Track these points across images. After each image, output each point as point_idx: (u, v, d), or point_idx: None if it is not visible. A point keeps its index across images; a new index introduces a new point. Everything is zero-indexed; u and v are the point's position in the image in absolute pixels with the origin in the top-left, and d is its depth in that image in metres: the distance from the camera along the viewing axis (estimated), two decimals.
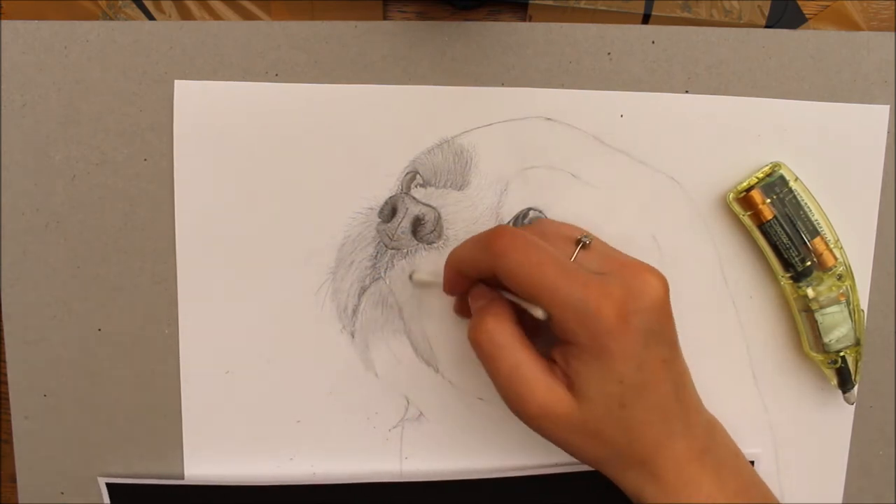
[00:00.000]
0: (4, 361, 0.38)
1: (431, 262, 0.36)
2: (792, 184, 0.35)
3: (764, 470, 0.37)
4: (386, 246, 0.36)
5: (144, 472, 0.38)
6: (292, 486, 0.37)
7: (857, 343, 0.35)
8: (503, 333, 0.29)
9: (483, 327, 0.29)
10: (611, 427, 0.28)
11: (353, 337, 0.37)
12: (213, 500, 0.37)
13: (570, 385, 0.29)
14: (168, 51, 0.35)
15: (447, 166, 0.36)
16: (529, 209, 0.36)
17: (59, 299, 0.37)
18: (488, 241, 0.29)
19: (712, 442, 0.31)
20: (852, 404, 0.37)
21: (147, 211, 0.36)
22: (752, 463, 0.37)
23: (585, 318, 0.27)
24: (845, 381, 0.36)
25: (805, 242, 0.35)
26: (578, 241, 0.31)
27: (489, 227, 0.36)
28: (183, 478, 0.37)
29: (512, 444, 0.37)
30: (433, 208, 0.36)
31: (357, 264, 0.36)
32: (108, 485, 0.37)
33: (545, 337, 0.31)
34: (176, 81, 0.35)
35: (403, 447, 0.38)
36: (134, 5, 0.35)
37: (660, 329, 0.29)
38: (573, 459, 0.31)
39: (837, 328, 0.35)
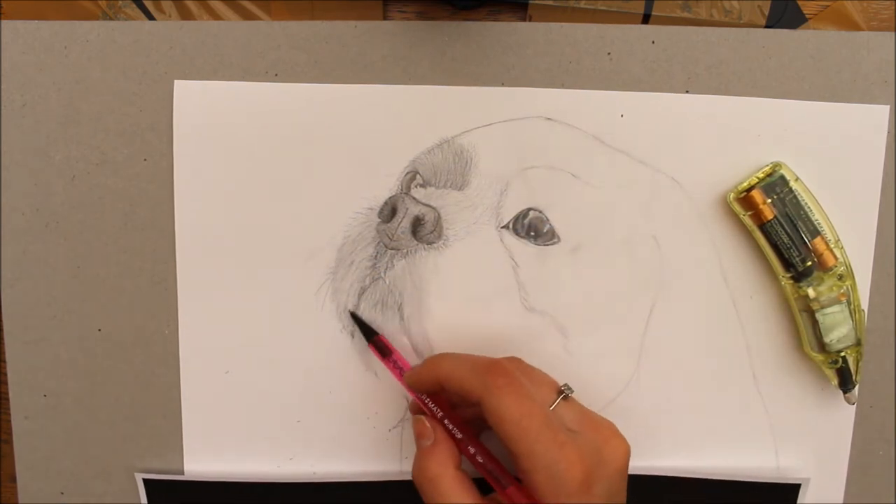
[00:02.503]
0: (4, 361, 0.38)
1: (431, 263, 0.36)
2: (792, 184, 0.35)
3: (764, 469, 0.37)
4: (386, 246, 0.36)
5: (144, 472, 0.38)
6: (298, 484, 0.37)
7: (858, 343, 0.35)
8: (445, 480, 0.31)
9: (426, 474, 0.31)
10: None
11: (353, 337, 0.37)
12: (245, 494, 0.37)
13: None
14: (168, 51, 0.35)
15: (447, 166, 0.36)
16: (529, 209, 0.36)
17: (59, 299, 0.37)
18: (486, 374, 0.30)
19: None
20: (853, 404, 0.37)
21: (147, 211, 0.36)
22: (799, 486, 0.37)
23: (553, 479, 0.28)
24: (846, 381, 0.36)
25: (805, 242, 0.34)
26: (560, 392, 0.32)
27: (489, 227, 0.36)
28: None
29: None
30: (433, 208, 0.36)
31: (357, 264, 0.36)
32: (144, 480, 0.37)
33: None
34: (176, 81, 0.35)
35: (403, 447, 0.38)
36: (134, 5, 0.35)
37: (617, 493, 0.30)
38: None
39: (838, 328, 0.35)
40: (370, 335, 0.36)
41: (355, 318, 0.36)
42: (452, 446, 0.32)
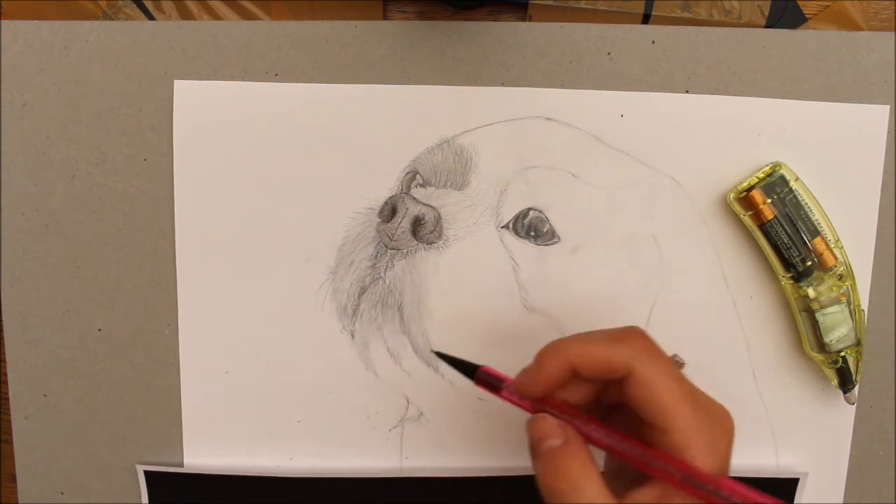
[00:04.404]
0: (4, 361, 0.38)
1: (431, 263, 0.36)
2: (792, 184, 0.35)
3: (764, 468, 0.37)
4: (386, 246, 0.36)
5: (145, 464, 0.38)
6: (299, 479, 0.37)
7: (858, 343, 0.35)
8: (592, 482, 0.26)
9: (569, 475, 0.26)
10: None
11: (353, 337, 0.37)
12: (246, 490, 0.37)
13: None
14: (168, 51, 0.35)
15: (447, 166, 0.36)
16: (529, 209, 0.36)
17: (59, 299, 0.37)
18: (628, 339, 0.27)
19: None
20: (853, 404, 0.37)
21: (147, 211, 0.36)
22: (797, 481, 0.37)
23: (713, 453, 0.26)
24: (846, 381, 0.36)
25: (805, 242, 0.34)
26: (676, 363, 0.29)
27: (489, 227, 0.36)
28: None
29: (511, 443, 0.37)
30: (433, 208, 0.36)
31: (357, 264, 0.36)
32: (146, 472, 0.37)
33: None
34: (176, 81, 0.35)
35: (403, 447, 0.38)
36: (134, 5, 0.35)
37: None
38: None
39: (838, 328, 0.35)
40: (471, 370, 0.30)
41: (442, 356, 0.31)
42: (585, 444, 0.27)
